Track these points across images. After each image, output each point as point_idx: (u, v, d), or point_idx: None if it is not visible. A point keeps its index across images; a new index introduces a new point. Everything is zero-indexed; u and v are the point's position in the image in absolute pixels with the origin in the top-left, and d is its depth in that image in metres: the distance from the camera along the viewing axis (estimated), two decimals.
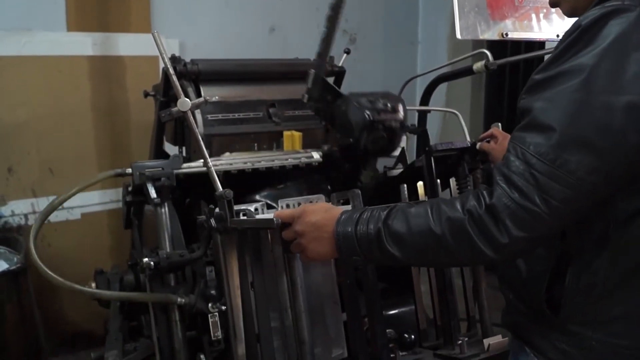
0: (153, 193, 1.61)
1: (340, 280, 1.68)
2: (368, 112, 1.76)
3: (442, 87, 3.81)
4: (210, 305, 1.56)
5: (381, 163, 2.17)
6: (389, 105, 1.78)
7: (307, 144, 2.24)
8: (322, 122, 2.14)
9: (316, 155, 1.90)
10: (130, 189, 1.77)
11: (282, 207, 1.85)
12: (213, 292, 1.57)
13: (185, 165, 1.71)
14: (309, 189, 2.01)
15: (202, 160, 1.52)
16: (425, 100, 2.67)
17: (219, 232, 1.52)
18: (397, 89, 2.68)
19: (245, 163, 1.82)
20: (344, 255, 1.20)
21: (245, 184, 1.88)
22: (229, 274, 1.53)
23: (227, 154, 2.01)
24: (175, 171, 1.68)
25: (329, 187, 2.06)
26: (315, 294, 1.65)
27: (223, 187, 1.45)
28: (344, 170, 2.01)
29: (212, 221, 1.47)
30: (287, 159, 1.88)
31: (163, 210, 1.66)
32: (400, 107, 1.82)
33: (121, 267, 2.03)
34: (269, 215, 1.64)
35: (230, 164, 1.80)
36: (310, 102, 1.88)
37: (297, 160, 1.89)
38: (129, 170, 1.68)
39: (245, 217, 1.57)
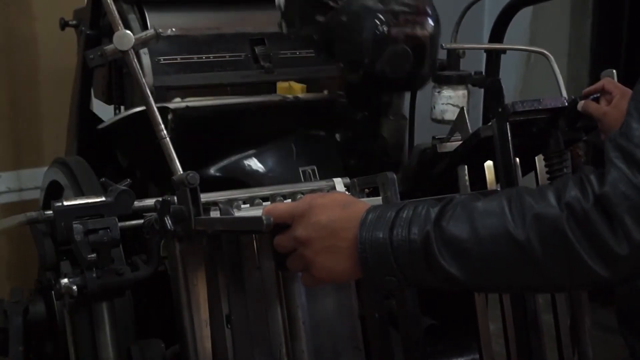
0: (87, 254, 1.61)
1: (365, 314, 1.69)
2: (380, 16, 1.78)
3: (524, 16, 3.79)
4: None
5: (426, 132, 2.16)
6: (409, 2, 1.81)
7: None
8: (317, 53, 2.18)
9: (340, 186, 1.91)
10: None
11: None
12: None
13: (137, 203, 1.70)
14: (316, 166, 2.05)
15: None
16: (497, 35, 2.66)
17: (177, 239, 1.52)
18: (452, 16, 2.67)
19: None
20: (371, 274, 1.20)
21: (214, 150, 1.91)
22: (194, 302, 1.54)
23: (177, 99, 2.04)
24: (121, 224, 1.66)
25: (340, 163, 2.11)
26: (326, 334, 1.66)
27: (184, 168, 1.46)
28: (355, 123, 2.06)
29: (168, 221, 1.48)
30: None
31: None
32: (428, 7, 1.84)
33: (26, 292, 2.04)
34: (255, 211, 1.64)
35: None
36: (291, 30, 1.90)
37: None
38: (49, 214, 1.70)
39: (218, 215, 1.58)
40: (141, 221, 1.67)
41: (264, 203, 1.73)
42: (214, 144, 2.11)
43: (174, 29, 2.20)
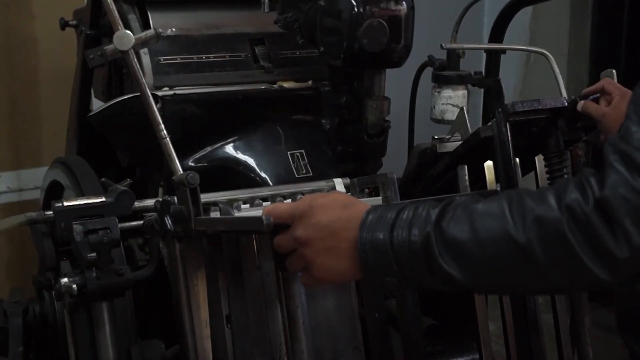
0: (87, 254, 1.60)
1: (365, 315, 1.69)
2: None
3: (524, 16, 3.79)
4: None
5: (426, 132, 2.16)
6: None
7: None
8: (300, 39, 2.24)
9: (340, 186, 1.94)
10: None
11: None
12: None
13: (138, 203, 1.70)
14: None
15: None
16: (497, 35, 2.65)
17: (177, 239, 1.52)
18: (452, 17, 2.67)
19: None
20: (371, 275, 1.20)
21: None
22: (194, 302, 1.54)
23: (166, 88, 2.09)
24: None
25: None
26: (325, 334, 1.66)
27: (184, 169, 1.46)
28: (340, 108, 2.13)
29: (168, 221, 1.48)
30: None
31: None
32: None
33: (25, 292, 2.04)
34: (255, 211, 1.63)
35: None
36: (284, 23, 2.02)
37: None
38: (49, 214, 1.69)
39: (218, 215, 1.58)
40: (141, 222, 1.66)
41: (264, 203, 1.74)
42: (202, 131, 2.14)
43: (174, 29, 2.20)
